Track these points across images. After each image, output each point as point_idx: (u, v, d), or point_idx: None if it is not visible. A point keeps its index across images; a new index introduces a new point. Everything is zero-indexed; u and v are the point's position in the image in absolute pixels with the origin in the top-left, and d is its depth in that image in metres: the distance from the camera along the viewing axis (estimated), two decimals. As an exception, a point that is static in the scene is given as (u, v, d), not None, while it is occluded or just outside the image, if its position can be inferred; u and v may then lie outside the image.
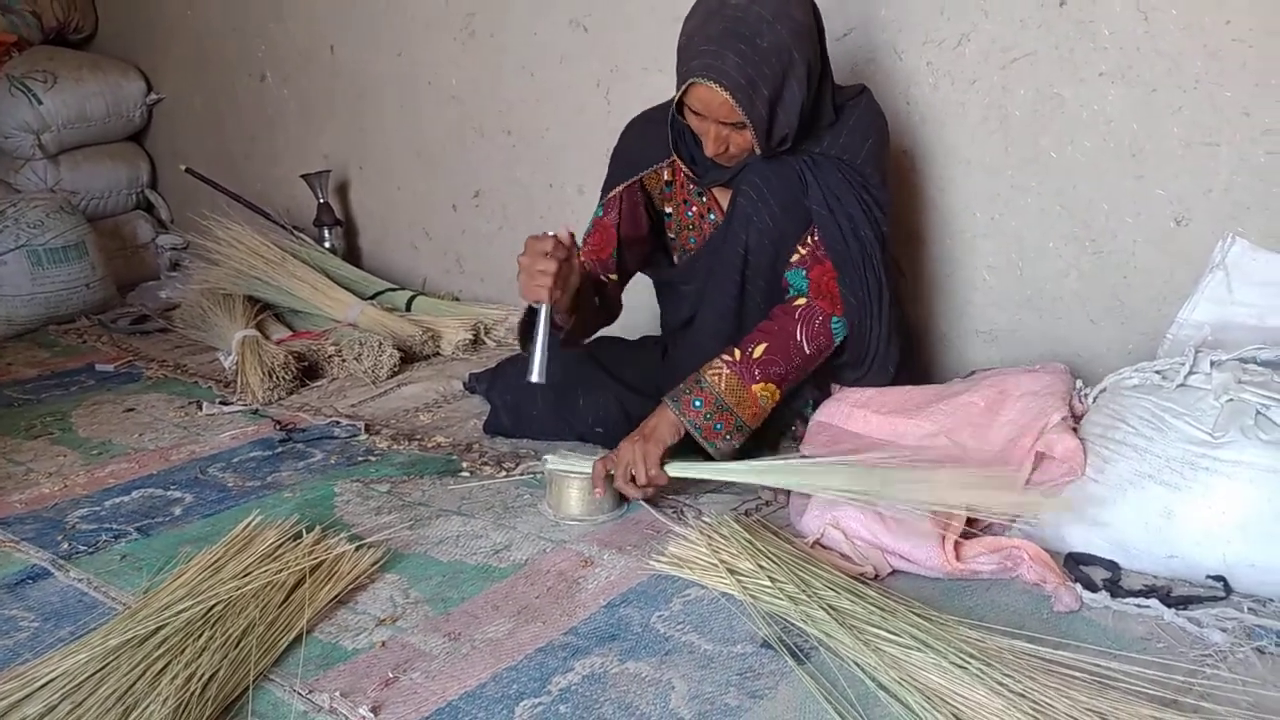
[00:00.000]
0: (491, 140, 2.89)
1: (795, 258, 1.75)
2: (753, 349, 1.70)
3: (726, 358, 1.70)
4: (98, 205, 3.82)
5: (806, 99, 1.65)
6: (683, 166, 1.82)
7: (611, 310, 1.98)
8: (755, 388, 1.68)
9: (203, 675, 1.19)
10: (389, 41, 3.06)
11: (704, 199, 1.86)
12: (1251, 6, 1.66)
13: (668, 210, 1.93)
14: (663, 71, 2.32)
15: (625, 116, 1.96)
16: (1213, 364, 1.54)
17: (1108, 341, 1.93)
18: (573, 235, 1.66)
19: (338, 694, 1.22)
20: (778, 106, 1.63)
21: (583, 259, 1.89)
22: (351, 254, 3.36)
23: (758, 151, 1.69)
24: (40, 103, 3.60)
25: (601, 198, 1.92)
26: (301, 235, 3.15)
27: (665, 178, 1.90)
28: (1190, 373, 1.54)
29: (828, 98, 1.74)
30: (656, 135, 1.83)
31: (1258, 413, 1.45)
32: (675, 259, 1.97)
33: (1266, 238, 1.71)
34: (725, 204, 1.81)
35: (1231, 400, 1.47)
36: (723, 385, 1.68)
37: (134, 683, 1.17)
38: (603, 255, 1.91)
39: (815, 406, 1.83)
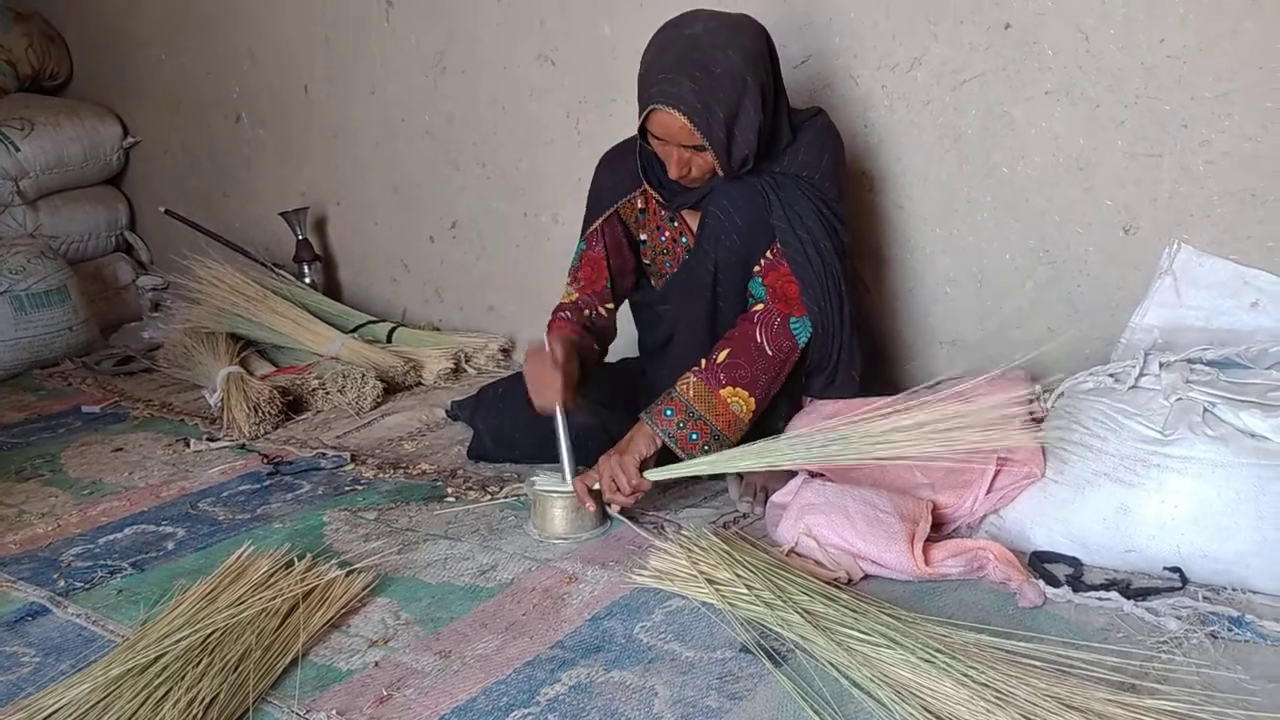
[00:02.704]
0: (466, 173, 2.95)
1: (757, 269, 1.82)
2: (716, 355, 1.76)
3: (695, 368, 1.76)
4: (78, 249, 3.86)
5: (762, 120, 1.73)
6: (652, 193, 1.89)
7: (606, 341, 2.06)
8: (723, 393, 1.73)
9: (204, 699, 1.24)
10: (362, 80, 3.13)
11: (675, 224, 1.94)
12: (1182, 24, 1.75)
13: (643, 237, 2.00)
14: (629, 102, 2.37)
15: (595, 145, 2.04)
16: (1162, 365, 1.61)
17: (1065, 347, 2.00)
18: (566, 345, 1.80)
19: (334, 713, 1.26)
20: (734, 128, 1.71)
21: (576, 298, 2.00)
22: (331, 288, 3.41)
23: (720, 173, 1.76)
24: (18, 150, 3.64)
25: (583, 234, 2.01)
26: (282, 272, 3.19)
27: (639, 206, 1.97)
28: (1141, 374, 1.62)
29: (784, 120, 1.82)
30: (626, 167, 1.91)
31: (1205, 410, 1.52)
32: (653, 283, 2.04)
33: (1210, 243, 1.79)
34: (696, 227, 1.88)
35: (1180, 399, 1.55)
36: (691, 392, 1.74)
37: (137, 709, 1.22)
38: (597, 287, 2.00)
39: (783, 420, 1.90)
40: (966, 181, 2.05)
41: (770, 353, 1.76)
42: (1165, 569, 1.49)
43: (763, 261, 1.81)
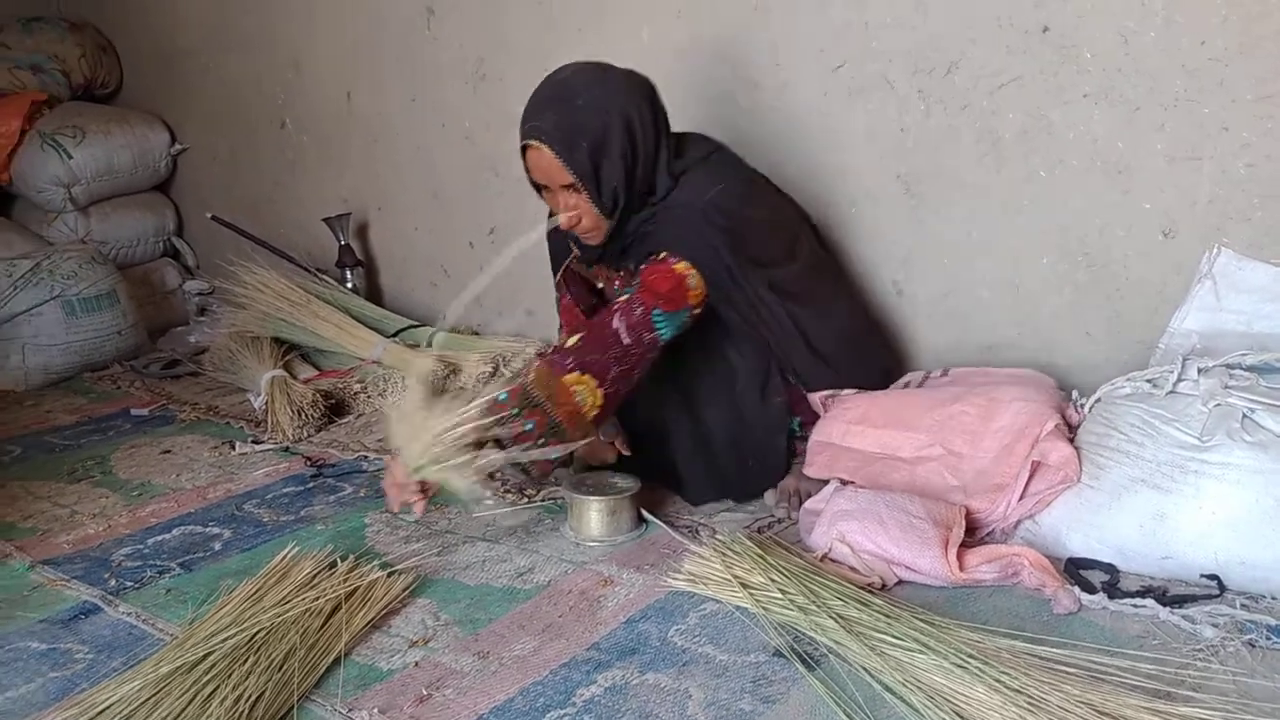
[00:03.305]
0: (505, 179, 2.98)
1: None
2: (565, 339, 1.73)
3: (540, 354, 1.72)
4: (127, 254, 3.94)
5: (628, 152, 1.73)
6: (575, 250, 1.93)
7: None
8: (568, 379, 1.64)
9: (250, 697, 1.28)
10: (403, 87, 3.17)
11: (621, 271, 1.95)
12: (1223, 26, 1.73)
13: (600, 284, 2.05)
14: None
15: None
16: (1200, 371, 1.60)
17: (1105, 352, 1.99)
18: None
19: (376, 711, 1.30)
20: (601, 157, 1.71)
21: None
22: (373, 293, 3.46)
23: (594, 209, 1.75)
24: (70, 157, 3.73)
25: (555, 282, 2.08)
26: (324, 277, 3.24)
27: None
28: (1179, 380, 1.61)
29: (663, 162, 1.79)
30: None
31: (1244, 416, 1.51)
32: None
33: (1250, 247, 1.77)
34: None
35: (1219, 405, 1.54)
36: (531, 376, 1.66)
37: (185, 706, 1.26)
38: None
39: (802, 428, 1.92)
40: (1004, 185, 2.04)
41: (627, 340, 1.68)
42: (1202, 576, 1.49)
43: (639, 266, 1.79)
